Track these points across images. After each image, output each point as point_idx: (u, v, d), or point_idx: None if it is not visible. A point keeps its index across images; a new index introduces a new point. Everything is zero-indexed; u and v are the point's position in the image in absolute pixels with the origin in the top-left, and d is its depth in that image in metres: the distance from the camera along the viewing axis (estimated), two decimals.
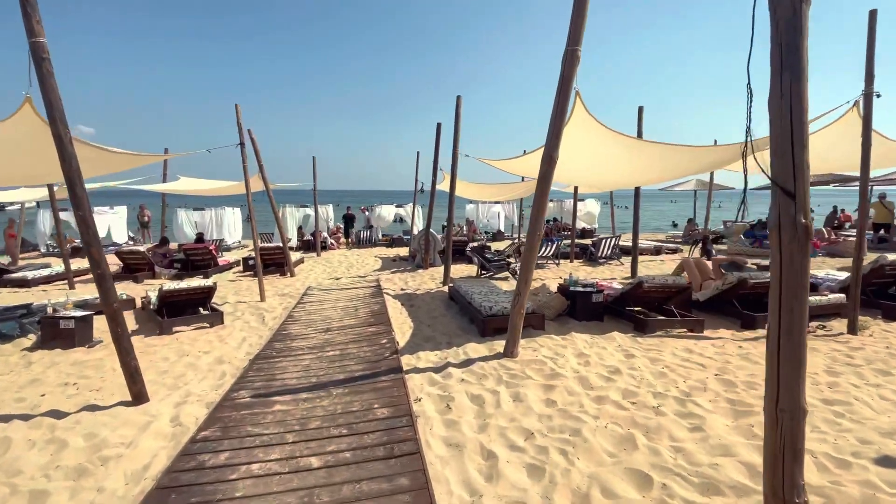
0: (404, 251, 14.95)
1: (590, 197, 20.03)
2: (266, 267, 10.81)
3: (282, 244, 10.64)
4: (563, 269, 10.75)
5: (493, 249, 12.68)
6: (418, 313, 6.74)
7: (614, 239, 11.78)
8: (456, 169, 9.00)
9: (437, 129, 10.42)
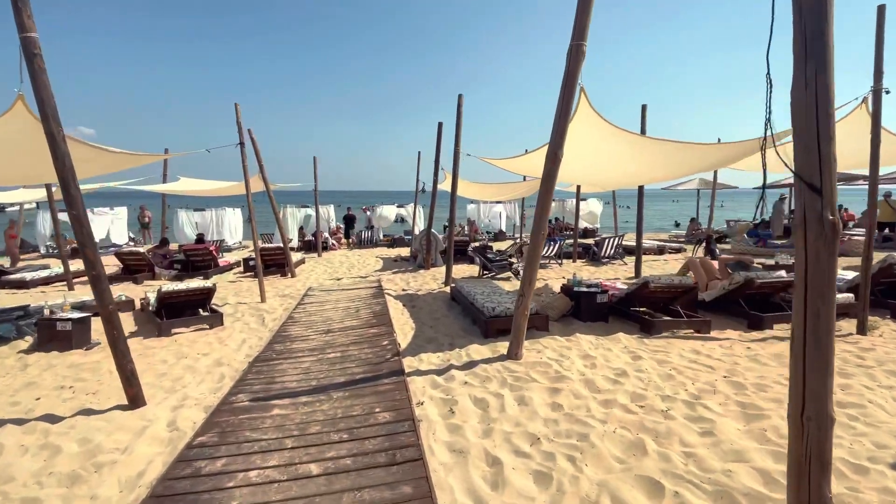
0: (406, 251, 14.87)
1: (591, 196, 19.94)
2: (267, 267, 10.74)
3: (282, 245, 10.57)
4: (566, 268, 10.66)
5: (495, 249, 12.60)
6: (420, 314, 6.66)
7: (617, 238, 11.68)
8: (458, 168, 8.91)
9: (439, 128, 10.34)
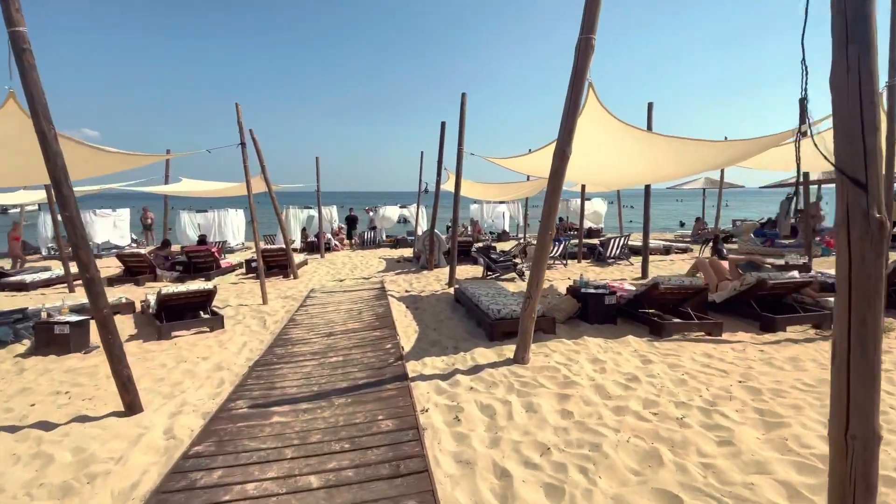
0: (408, 252, 14.76)
1: (596, 196, 19.78)
2: (269, 269, 10.65)
3: (285, 246, 10.48)
4: (571, 269, 10.51)
5: (499, 250, 12.47)
6: (423, 316, 6.54)
7: (623, 238, 11.52)
8: (461, 167, 8.79)
9: (442, 127, 10.22)
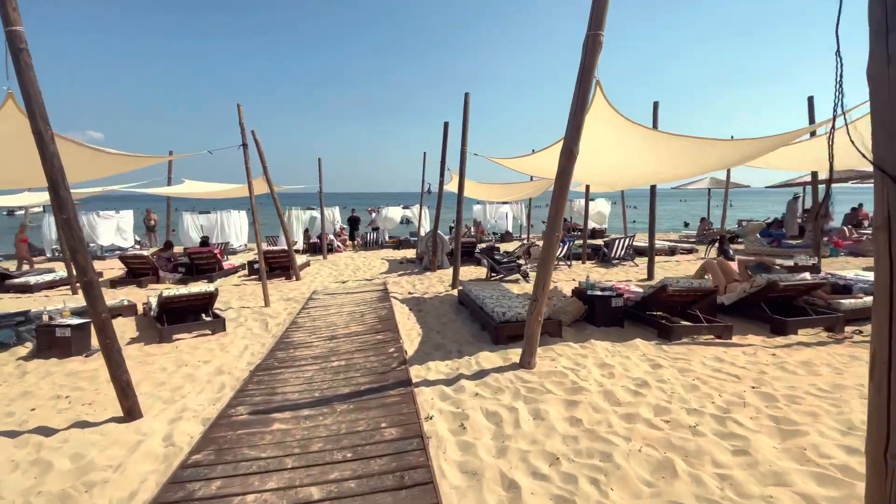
0: (411, 253, 14.69)
1: (600, 196, 19.66)
2: (272, 270, 10.61)
3: (287, 247, 10.43)
4: (576, 270, 10.41)
5: (502, 251, 12.37)
6: (427, 318, 6.46)
7: (628, 239, 11.41)
8: (465, 168, 8.70)
9: (445, 127, 10.15)
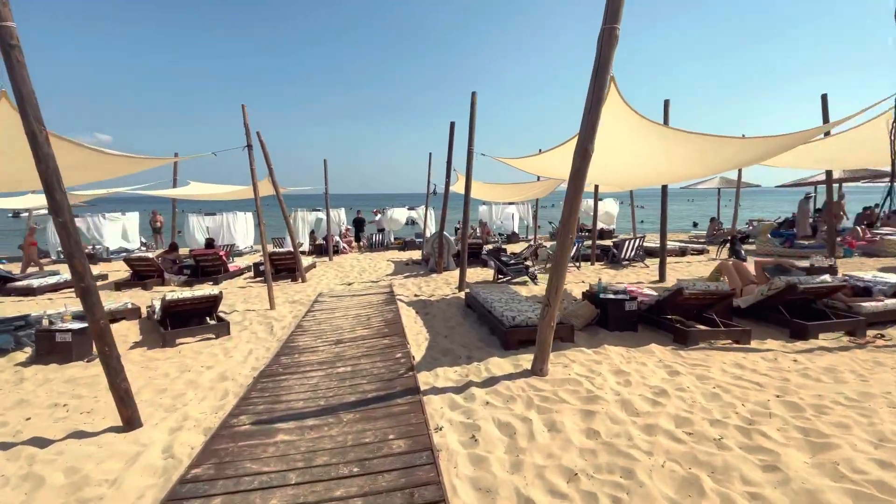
0: (417, 254, 14.57)
1: (608, 196, 19.45)
2: (277, 272, 10.53)
3: (293, 249, 10.34)
4: (585, 272, 10.23)
5: (509, 252, 12.21)
6: (434, 322, 6.32)
7: (638, 240, 11.21)
8: (471, 168, 8.55)
9: (451, 127, 10.00)
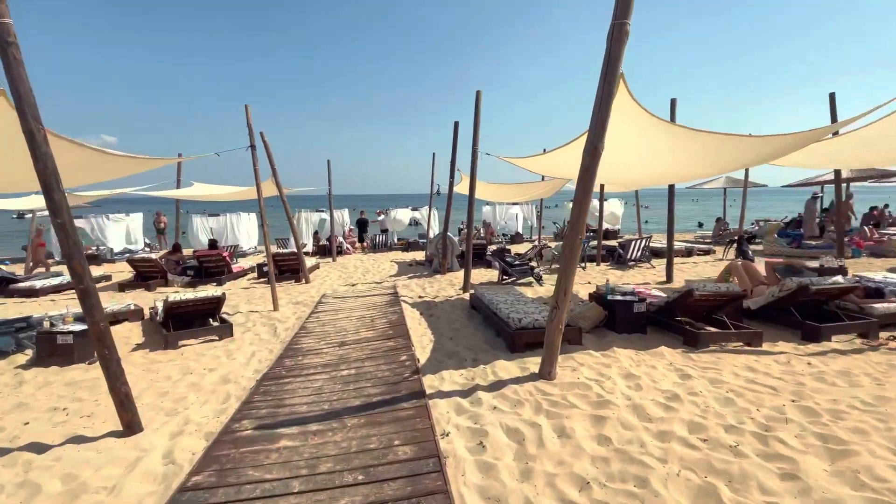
0: (420, 255, 14.50)
1: (613, 196, 19.33)
2: (281, 273, 10.49)
3: (296, 250, 10.30)
4: (591, 272, 10.12)
5: (513, 253, 12.12)
6: (438, 324, 6.24)
7: (644, 240, 11.09)
8: (476, 168, 8.48)
9: (455, 127, 9.94)
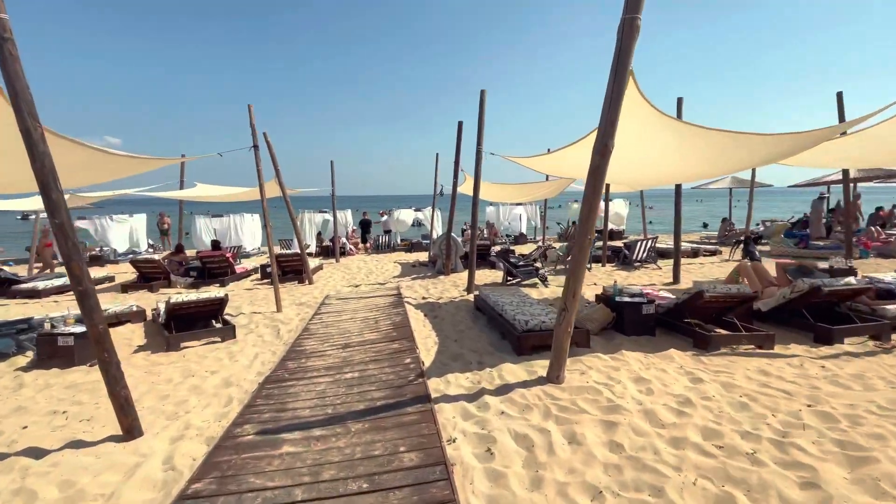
0: (424, 256, 14.44)
1: (618, 197, 19.21)
2: (284, 274, 10.44)
3: (300, 251, 10.25)
4: (596, 273, 10.02)
5: (518, 253, 12.03)
6: (443, 325, 6.16)
7: (650, 241, 10.99)
8: (480, 168, 8.40)
9: (459, 127, 9.85)
